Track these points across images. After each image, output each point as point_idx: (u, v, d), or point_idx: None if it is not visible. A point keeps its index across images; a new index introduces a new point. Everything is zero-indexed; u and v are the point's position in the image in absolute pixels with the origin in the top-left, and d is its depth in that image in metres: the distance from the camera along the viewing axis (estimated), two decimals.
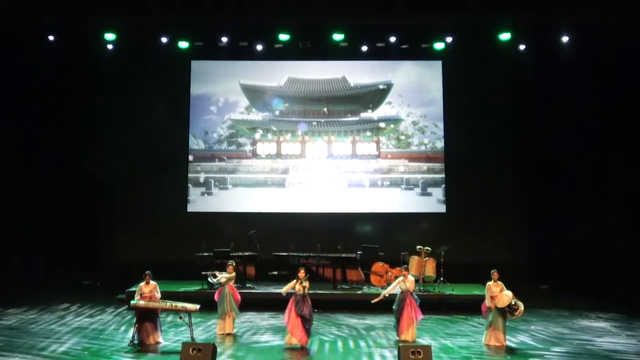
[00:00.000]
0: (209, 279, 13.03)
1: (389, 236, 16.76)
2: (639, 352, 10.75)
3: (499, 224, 17.15)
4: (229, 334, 11.71)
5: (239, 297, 11.97)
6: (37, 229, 16.56)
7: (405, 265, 12.38)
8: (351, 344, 11.25)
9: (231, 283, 11.92)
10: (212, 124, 17.89)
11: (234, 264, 12.22)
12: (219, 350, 9.97)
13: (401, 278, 11.60)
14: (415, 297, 11.60)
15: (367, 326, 12.70)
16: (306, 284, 10.89)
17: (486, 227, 17.02)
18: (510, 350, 10.79)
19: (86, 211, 17.21)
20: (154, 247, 16.64)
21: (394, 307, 11.56)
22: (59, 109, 17.16)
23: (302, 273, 10.98)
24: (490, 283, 11.20)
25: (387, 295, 11.88)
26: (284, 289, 11.21)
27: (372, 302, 11.92)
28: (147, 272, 11.16)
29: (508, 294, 10.97)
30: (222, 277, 11.90)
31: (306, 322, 10.77)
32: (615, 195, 16.07)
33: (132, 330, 11.03)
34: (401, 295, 11.49)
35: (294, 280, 11.01)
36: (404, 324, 11.38)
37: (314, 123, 17.85)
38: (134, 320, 11.09)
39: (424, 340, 11.35)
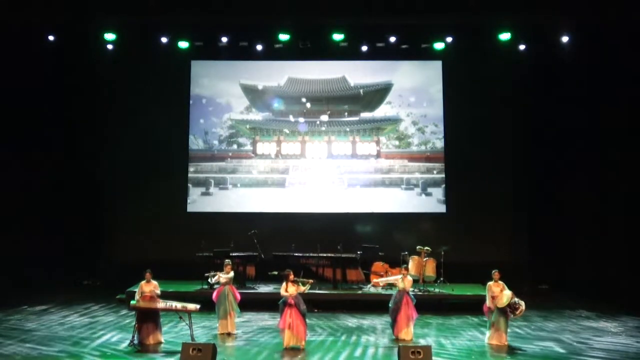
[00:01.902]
0: (209, 280, 13.05)
1: (389, 236, 16.77)
2: (638, 352, 10.75)
3: (499, 224, 17.16)
4: (230, 334, 11.71)
5: (239, 296, 11.97)
6: (37, 228, 16.54)
7: (405, 265, 12.39)
8: (351, 343, 11.24)
9: (230, 283, 11.92)
10: (212, 124, 17.89)
11: (231, 264, 12.21)
12: (219, 350, 9.97)
13: (400, 276, 11.61)
14: (412, 296, 11.63)
15: (366, 326, 12.70)
16: (299, 286, 10.85)
17: (486, 227, 17.03)
18: (511, 350, 10.79)
19: (86, 211, 17.22)
20: (154, 247, 16.65)
21: (390, 305, 11.58)
22: (59, 109, 17.15)
23: (292, 275, 10.94)
24: (490, 283, 11.22)
25: (382, 284, 12.63)
26: (284, 292, 10.95)
27: (371, 284, 13.33)
28: (148, 270, 11.15)
29: (507, 293, 10.99)
30: (220, 276, 11.89)
31: (305, 318, 10.79)
32: (615, 195, 16.06)
33: (132, 330, 11.03)
34: (398, 295, 11.51)
35: (284, 283, 10.94)
36: (401, 323, 11.40)
37: (314, 123, 17.85)
38: (134, 320, 11.08)
39: (424, 340, 11.36)
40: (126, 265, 15.70)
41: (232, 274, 11.99)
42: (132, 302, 10.99)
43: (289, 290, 10.80)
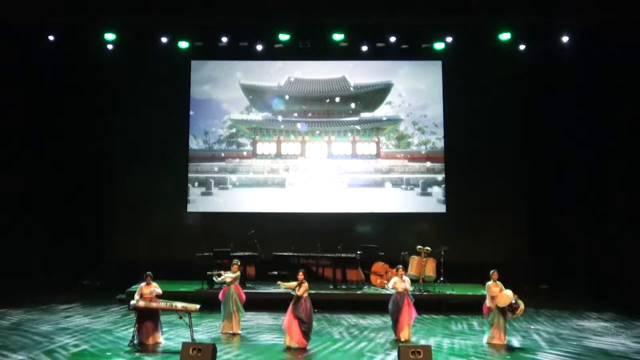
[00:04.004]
0: (214, 278, 13.02)
1: (389, 236, 16.77)
2: (638, 352, 10.75)
3: (499, 224, 17.15)
4: (234, 334, 11.71)
5: (244, 296, 11.97)
6: (37, 228, 16.55)
7: (400, 266, 12.08)
8: (351, 343, 11.24)
9: (236, 282, 11.92)
10: (212, 124, 17.89)
11: (239, 264, 12.20)
12: (221, 350, 9.97)
13: (397, 278, 11.54)
14: (411, 296, 11.61)
15: (366, 326, 12.70)
16: (302, 286, 10.85)
17: (486, 227, 17.03)
18: (510, 350, 10.80)
19: (86, 211, 17.21)
20: (154, 247, 16.65)
21: (390, 307, 11.50)
22: (59, 109, 17.16)
23: (300, 275, 10.96)
24: (489, 283, 11.24)
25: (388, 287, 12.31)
26: (285, 285, 11.17)
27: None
28: (148, 273, 11.14)
29: (508, 293, 11.02)
30: (227, 276, 11.91)
31: (302, 324, 10.69)
32: (615, 195, 16.07)
33: (132, 331, 11.02)
34: (398, 296, 11.44)
35: (294, 282, 10.99)
36: (403, 324, 11.36)
37: (314, 123, 17.85)
38: (135, 320, 11.07)
39: (424, 341, 11.35)
40: (126, 265, 15.71)
41: (238, 273, 11.98)
42: (132, 302, 10.99)
43: (296, 289, 10.84)
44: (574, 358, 10.40)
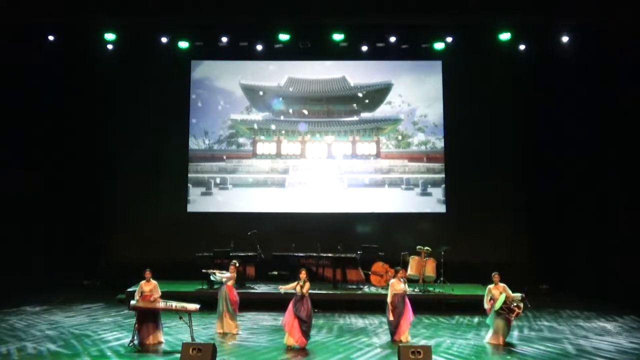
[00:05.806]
0: (211, 277, 13.04)
1: (389, 236, 16.77)
2: (638, 352, 10.74)
3: (499, 224, 17.16)
4: (231, 334, 11.71)
5: (235, 298, 11.93)
6: (37, 229, 16.56)
7: (399, 267, 11.93)
8: (351, 344, 11.24)
9: (230, 283, 11.92)
10: (212, 124, 17.89)
11: (236, 265, 12.20)
12: (221, 350, 9.97)
13: (394, 280, 11.47)
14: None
15: (366, 326, 12.70)
16: (305, 285, 10.86)
17: (486, 227, 17.03)
18: (509, 350, 10.79)
19: (86, 211, 17.21)
20: (154, 247, 16.66)
21: (389, 309, 11.28)
22: (59, 110, 17.16)
23: (303, 274, 10.96)
24: (490, 286, 11.19)
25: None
26: (284, 287, 11.19)
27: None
28: (148, 268, 11.12)
29: (502, 296, 10.96)
30: (223, 276, 11.94)
31: (303, 324, 10.69)
32: (615, 195, 16.07)
33: (133, 331, 11.02)
34: (398, 297, 11.30)
35: (296, 282, 10.99)
36: (404, 326, 11.27)
37: (314, 123, 17.85)
38: (135, 320, 11.07)
39: (424, 341, 11.34)
40: (126, 265, 15.70)
41: (233, 274, 11.98)
42: (132, 302, 10.99)
43: (296, 288, 10.85)
44: (573, 358, 10.38)
